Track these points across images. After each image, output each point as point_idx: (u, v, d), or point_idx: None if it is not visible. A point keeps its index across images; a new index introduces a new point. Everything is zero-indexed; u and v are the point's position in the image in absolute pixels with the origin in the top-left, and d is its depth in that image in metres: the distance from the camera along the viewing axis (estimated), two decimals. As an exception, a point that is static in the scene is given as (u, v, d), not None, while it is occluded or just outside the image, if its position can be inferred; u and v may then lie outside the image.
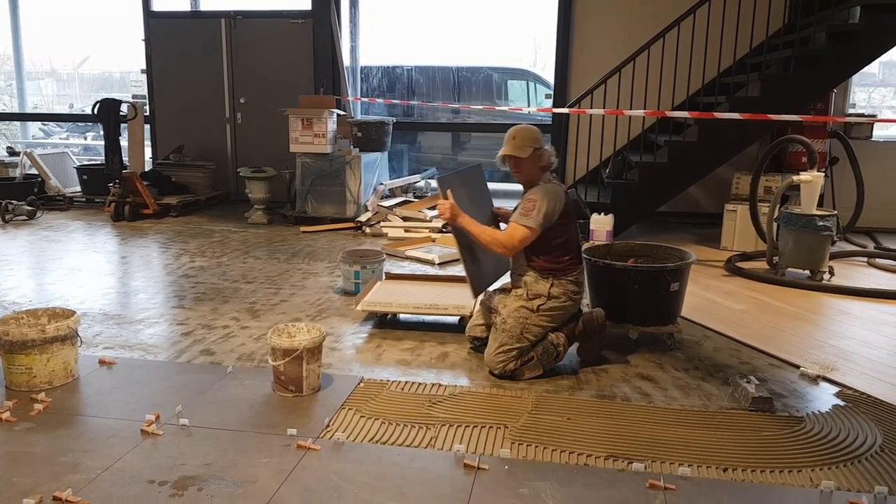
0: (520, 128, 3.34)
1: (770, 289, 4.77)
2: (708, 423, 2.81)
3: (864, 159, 6.13)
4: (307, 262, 5.46)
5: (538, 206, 3.18)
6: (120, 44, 11.24)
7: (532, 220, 3.18)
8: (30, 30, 9.68)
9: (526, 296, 3.27)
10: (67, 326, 3.06)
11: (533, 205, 3.19)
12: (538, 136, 3.34)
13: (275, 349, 2.97)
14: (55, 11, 11.01)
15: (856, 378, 3.26)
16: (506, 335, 3.20)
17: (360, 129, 7.02)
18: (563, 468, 2.46)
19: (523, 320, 3.24)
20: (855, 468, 2.47)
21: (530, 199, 3.22)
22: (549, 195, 3.23)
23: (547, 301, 3.26)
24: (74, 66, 13.32)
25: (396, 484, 2.34)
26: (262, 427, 2.70)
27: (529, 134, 3.31)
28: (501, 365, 3.17)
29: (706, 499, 2.26)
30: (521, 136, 3.30)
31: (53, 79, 13.53)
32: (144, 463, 2.42)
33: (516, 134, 3.31)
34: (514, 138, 3.30)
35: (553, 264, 3.28)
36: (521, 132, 3.31)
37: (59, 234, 6.34)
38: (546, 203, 3.19)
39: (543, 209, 3.18)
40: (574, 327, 3.34)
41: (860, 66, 5.63)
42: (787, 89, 5.60)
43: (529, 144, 3.27)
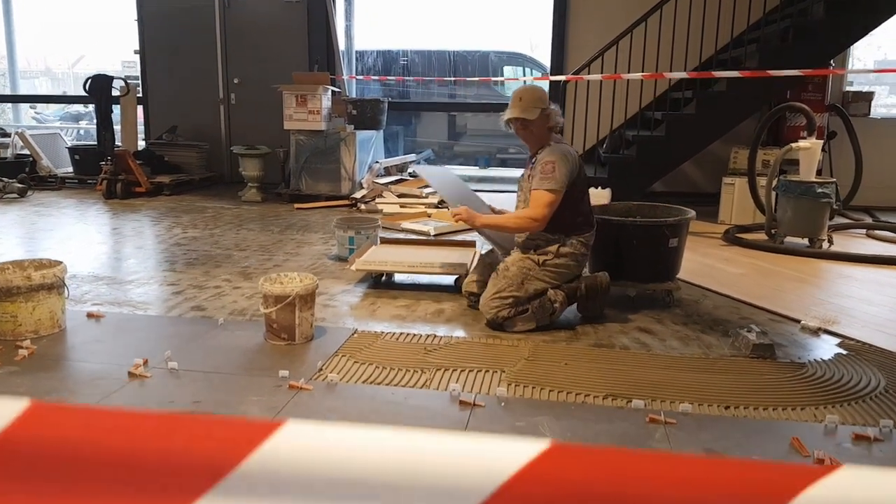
0: (525, 88, 3.26)
1: (769, 256, 4.73)
2: (709, 368, 2.76)
3: (861, 137, 6.09)
4: (301, 233, 5.40)
5: (557, 167, 3.10)
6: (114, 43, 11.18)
7: (554, 181, 3.09)
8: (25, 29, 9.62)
9: (534, 250, 3.22)
10: (54, 275, 2.99)
11: (552, 166, 3.10)
12: (545, 96, 3.25)
13: (266, 296, 2.91)
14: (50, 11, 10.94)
15: (857, 331, 3.21)
16: (506, 282, 3.14)
17: (354, 107, 6.96)
18: (560, 405, 2.40)
19: (526, 271, 3.17)
20: (859, 406, 2.43)
21: (547, 161, 3.13)
22: (565, 155, 3.16)
23: (554, 258, 3.19)
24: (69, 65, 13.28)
25: (392, 419, 2.28)
26: (254, 371, 2.64)
27: (536, 94, 3.22)
28: (495, 310, 3.11)
29: (708, 432, 2.20)
30: (528, 97, 3.20)
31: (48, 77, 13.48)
32: (131, 401, 2.35)
33: (523, 95, 3.21)
34: (520, 99, 3.19)
35: (565, 224, 3.19)
36: (528, 93, 3.22)
37: (50, 210, 6.27)
38: (565, 162, 3.12)
39: (564, 168, 3.11)
40: (576, 288, 3.28)
41: (859, 35, 5.60)
42: (784, 60, 5.56)
43: (537, 105, 3.17)
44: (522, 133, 3.27)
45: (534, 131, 3.22)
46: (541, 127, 3.21)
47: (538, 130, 3.22)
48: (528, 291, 3.15)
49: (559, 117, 3.27)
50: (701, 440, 2.14)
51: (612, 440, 2.13)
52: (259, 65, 7.89)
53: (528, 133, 3.25)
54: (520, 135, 3.30)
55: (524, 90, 3.24)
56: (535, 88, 3.24)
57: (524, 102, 3.17)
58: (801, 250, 4.78)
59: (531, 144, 3.30)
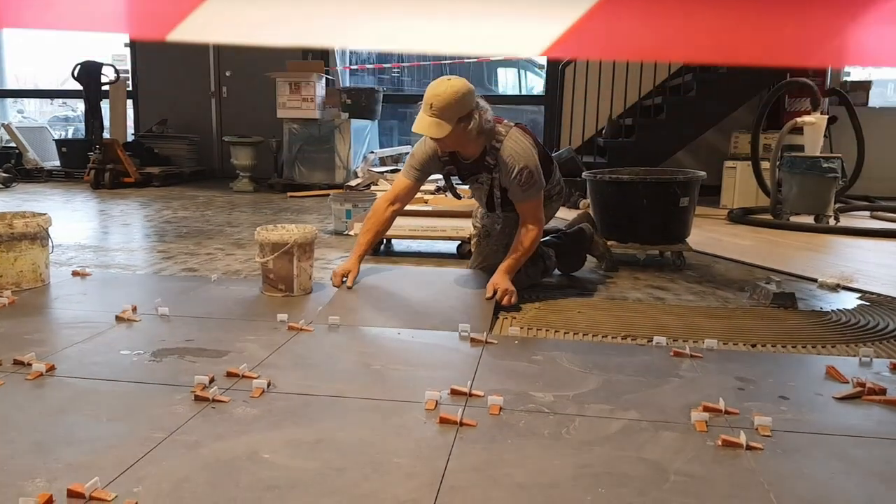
0: (438, 87, 2.49)
1: (776, 232, 4.62)
2: (730, 315, 2.62)
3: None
4: (296, 214, 5.26)
5: (531, 169, 2.63)
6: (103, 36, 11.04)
7: (537, 185, 2.66)
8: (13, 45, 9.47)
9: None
10: (37, 224, 2.83)
11: (529, 173, 2.62)
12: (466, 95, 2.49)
13: (263, 244, 2.76)
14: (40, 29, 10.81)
15: (877, 287, 3.09)
16: (491, 248, 2.93)
17: (349, 96, 6.85)
18: (577, 343, 2.26)
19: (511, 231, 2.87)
20: (892, 344, 2.30)
21: (520, 169, 2.61)
22: (526, 150, 2.65)
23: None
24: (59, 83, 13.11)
25: (400, 354, 2.13)
26: (250, 316, 2.48)
27: (453, 97, 2.46)
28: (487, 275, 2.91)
29: (737, 364, 2.06)
30: (439, 102, 2.45)
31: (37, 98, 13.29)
32: (119, 341, 2.19)
33: (433, 100, 2.46)
34: (430, 106, 2.47)
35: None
36: (441, 97, 2.46)
37: (36, 197, 6.09)
38: (533, 158, 2.65)
39: (536, 164, 2.65)
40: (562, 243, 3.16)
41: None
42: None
43: (452, 114, 2.47)
44: (447, 144, 2.63)
45: (461, 141, 2.59)
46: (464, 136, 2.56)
47: (465, 140, 2.59)
48: None
49: (486, 116, 2.59)
50: (731, 370, 2.00)
51: (636, 371, 1.99)
52: (252, 58, 7.76)
53: (456, 143, 2.61)
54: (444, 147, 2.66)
55: (438, 90, 2.48)
56: (454, 86, 2.49)
57: (436, 110, 2.47)
58: (807, 225, 4.68)
59: (466, 151, 2.69)
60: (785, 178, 4.82)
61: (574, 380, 1.91)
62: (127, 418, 1.61)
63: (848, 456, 1.49)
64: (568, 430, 1.59)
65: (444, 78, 2.55)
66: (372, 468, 1.39)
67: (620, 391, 1.83)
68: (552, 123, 7.38)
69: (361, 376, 1.92)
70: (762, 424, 1.60)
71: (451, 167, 2.82)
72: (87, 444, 1.47)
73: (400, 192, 2.85)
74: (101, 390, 1.78)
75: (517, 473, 1.38)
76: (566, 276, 3.24)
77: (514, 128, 2.71)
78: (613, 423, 1.63)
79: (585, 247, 3.27)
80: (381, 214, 2.84)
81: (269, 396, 1.75)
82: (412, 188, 2.86)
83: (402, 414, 1.66)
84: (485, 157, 2.69)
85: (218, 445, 1.48)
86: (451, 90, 2.48)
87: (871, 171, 6.41)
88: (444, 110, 2.47)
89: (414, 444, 1.50)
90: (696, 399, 1.76)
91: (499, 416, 1.65)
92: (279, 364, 1.99)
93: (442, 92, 2.48)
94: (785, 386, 1.89)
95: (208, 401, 1.69)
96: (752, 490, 1.33)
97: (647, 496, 1.30)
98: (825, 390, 1.86)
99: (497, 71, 9.55)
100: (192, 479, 1.34)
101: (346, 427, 1.58)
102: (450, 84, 2.50)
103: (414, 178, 2.83)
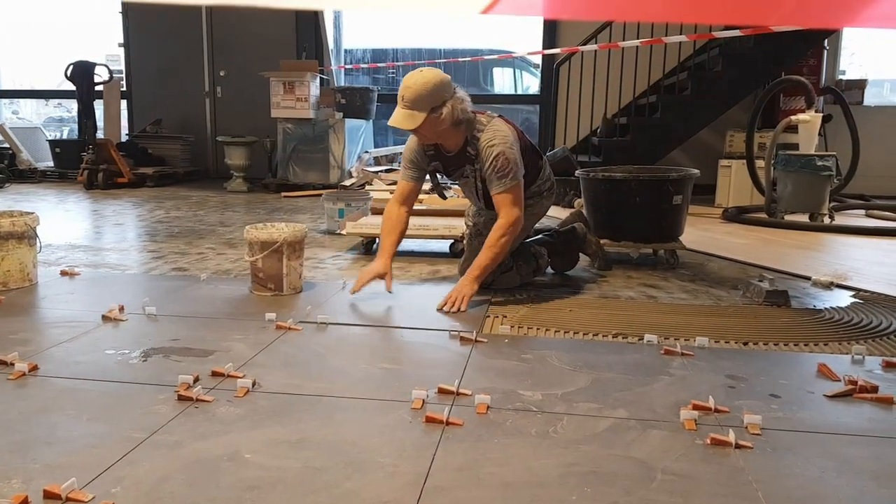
0: (412, 79, 2.51)
1: (770, 230, 4.61)
2: (722, 313, 2.61)
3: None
4: (289, 214, 5.23)
5: (508, 156, 2.57)
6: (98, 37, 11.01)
7: (513, 174, 2.58)
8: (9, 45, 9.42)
9: None
10: (25, 223, 2.81)
11: (505, 160, 2.57)
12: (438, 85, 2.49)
13: (252, 243, 2.74)
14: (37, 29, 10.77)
15: (870, 285, 3.08)
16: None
17: (343, 96, 6.83)
18: (568, 342, 2.24)
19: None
20: (884, 342, 2.28)
21: (496, 155, 2.57)
22: (504, 138, 2.60)
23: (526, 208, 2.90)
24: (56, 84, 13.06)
25: (388, 353, 2.11)
26: (238, 315, 2.46)
27: (425, 87, 2.47)
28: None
29: (729, 361, 2.05)
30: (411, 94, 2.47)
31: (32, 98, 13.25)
32: (104, 340, 2.16)
33: (405, 92, 2.49)
34: (402, 98, 2.50)
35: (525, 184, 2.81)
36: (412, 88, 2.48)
37: (28, 198, 6.06)
38: (511, 146, 2.60)
39: (515, 154, 2.60)
40: (555, 242, 3.15)
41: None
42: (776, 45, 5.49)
43: (425, 104, 2.48)
44: (426, 136, 2.62)
45: (438, 132, 2.57)
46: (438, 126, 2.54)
47: (444, 130, 2.56)
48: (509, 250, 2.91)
49: (463, 105, 2.55)
50: (722, 368, 1.98)
51: (626, 369, 1.97)
52: (246, 57, 7.75)
53: (434, 134, 2.59)
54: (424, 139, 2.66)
55: (409, 81, 2.50)
56: (424, 76, 2.50)
57: (408, 101, 2.49)
58: (802, 224, 4.66)
59: (447, 143, 2.67)
60: (780, 176, 4.81)
61: (563, 378, 1.89)
62: (108, 418, 1.58)
63: (838, 454, 1.47)
64: (555, 428, 1.57)
65: (417, 70, 2.56)
66: (354, 468, 1.37)
67: (610, 389, 1.81)
68: (547, 123, 7.36)
69: (348, 375, 1.89)
70: (752, 423, 1.58)
71: (437, 163, 2.80)
72: (66, 445, 1.45)
73: (405, 192, 2.84)
74: (84, 390, 1.75)
75: (502, 473, 1.36)
76: (559, 275, 3.22)
77: (496, 118, 2.69)
78: (602, 421, 1.61)
79: (578, 246, 3.25)
80: (396, 215, 2.82)
81: (253, 396, 1.73)
82: (414, 188, 2.85)
83: (388, 413, 1.64)
84: (466, 147, 2.67)
85: (199, 445, 1.45)
86: (422, 80, 2.49)
87: (866, 169, 6.39)
88: (415, 101, 2.48)
89: (399, 444, 1.48)
90: (686, 397, 1.74)
91: (486, 415, 1.63)
92: (265, 363, 1.97)
93: (412, 84, 2.49)
94: (776, 384, 1.87)
95: (192, 400, 1.67)
96: (741, 489, 1.32)
97: (634, 495, 1.28)
98: (817, 388, 1.84)
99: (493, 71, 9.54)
100: (171, 479, 1.31)
101: (330, 426, 1.56)
102: (421, 75, 2.51)
103: (411, 178, 2.83)
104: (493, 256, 2.61)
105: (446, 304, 2.54)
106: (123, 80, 8.01)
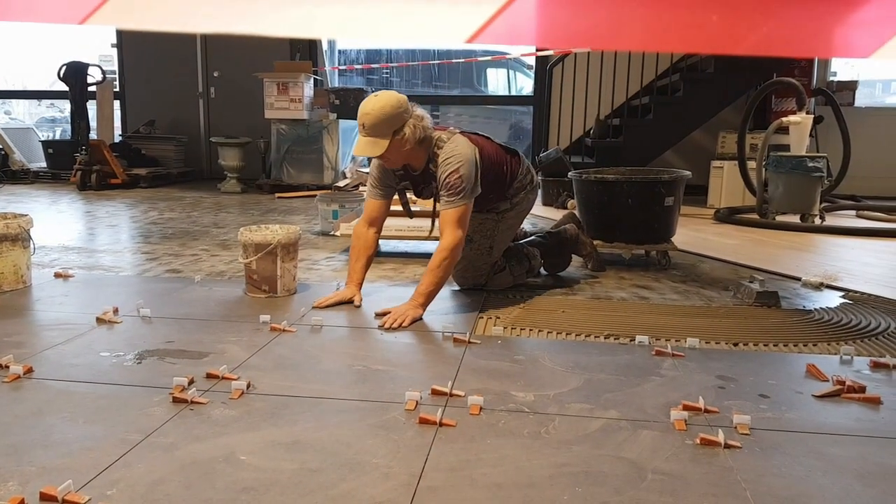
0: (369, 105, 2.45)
1: (762, 231, 4.64)
2: (713, 314, 2.63)
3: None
4: (283, 215, 5.24)
5: (463, 176, 2.51)
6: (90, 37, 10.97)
7: (463, 194, 2.52)
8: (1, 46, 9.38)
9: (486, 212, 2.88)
10: (18, 225, 2.81)
11: (458, 179, 2.51)
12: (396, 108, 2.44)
13: (246, 245, 2.75)
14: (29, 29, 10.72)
15: (860, 286, 3.11)
16: (474, 253, 2.85)
17: (337, 97, 6.83)
18: (560, 343, 2.26)
19: (490, 232, 2.86)
20: (873, 342, 2.31)
21: (450, 173, 2.52)
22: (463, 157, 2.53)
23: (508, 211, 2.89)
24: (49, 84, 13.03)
25: (382, 354, 2.12)
26: (232, 318, 2.47)
27: (382, 111, 2.42)
28: (472, 280, 2.88)
29: (719, 362, 2.07)
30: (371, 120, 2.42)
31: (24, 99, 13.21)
32: (99, 342, 2.17)
33: (365, 120, 2.43)
34: (363, 126, 2.45)
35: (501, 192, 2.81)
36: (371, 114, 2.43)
37: (21, 199, 6.05)
38: (468, 164, 2.53)
39: (469, 172, 2.53)
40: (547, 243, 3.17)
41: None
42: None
43: (387, 128, 2.44)
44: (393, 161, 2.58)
45: (404, 153, 2.53)
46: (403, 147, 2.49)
47: (408, 151, 2.52)
48: (498, 252, 2.90)
49: (423, 122, 2.52)
50: (712, 369, 2.01)
51: (617, 370, 1.99)
52: (239, 58, 7.75)
53: (401, 156, 2.55)
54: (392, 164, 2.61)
55: (367, 108, 2.44)
56: (381, 101, 2.45)
57: (368, 129, 2.44)
58: (793, 224, 4.70)
59: (413, 163, 2.62)
60: (771, 177, 4.84)
61: (556, 379, 1.90)
62: (104, 420, 1.59)
63: (825, 453, 1.49)
64: (547, 429, 1.59)
65: (372, 95, 2.50)
66: (349, 469, 1.38)
67: (601, 390, 1.83)
68: (541, 124, 7.39)
69: (342, 377, 1.91)
70: (741, 423, 1.60)
71: (407, 183, 2.77)
72: (62, 447, 1.46)
73: (372, 213, 2.75)
74: (80, 392, 1.76)
75: (495, 473, 1.38)
76: (552, 276, 3.24)
77: (457, 134, 2.63)
78: (593, 422, 1.63)
79: (571, 247, 3.27)
80: (365, 238, 2.74)
81: (248, 398, 1.74)
82: (382, 206, 2.76)
83: (381, 414, 1.65)
84: (429, 165, 2.61)
85: (194, 447, 1.47)
86: (378, 106, 2.43)
87: (857, 170, 6.45)
88: (376, 127, 2.43)
89: (392, 445, 1.50)
90: (676, 398, 1.76)
91: (479, 416, 1.65)
92: (260, 365, 1.98)
93: (370, 110, 2.43)
94: (765, 384, 1.89)
95: (186, 402, 1.68)
96: (729, 488, 1.34)
97: (624, 495, 1.30)
98: (805, 388, 1.87)
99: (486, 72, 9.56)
100: (167, 481, 1.33)
101: (325, 428, 1.57)
102: (377, 100, 2.46)
103: (379, 196, 2.75)
104: (436, 280, 2.52)
105: (386, 321, 2.39)
106: (116, 80, 7.99)
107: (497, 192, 2.80)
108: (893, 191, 6.91)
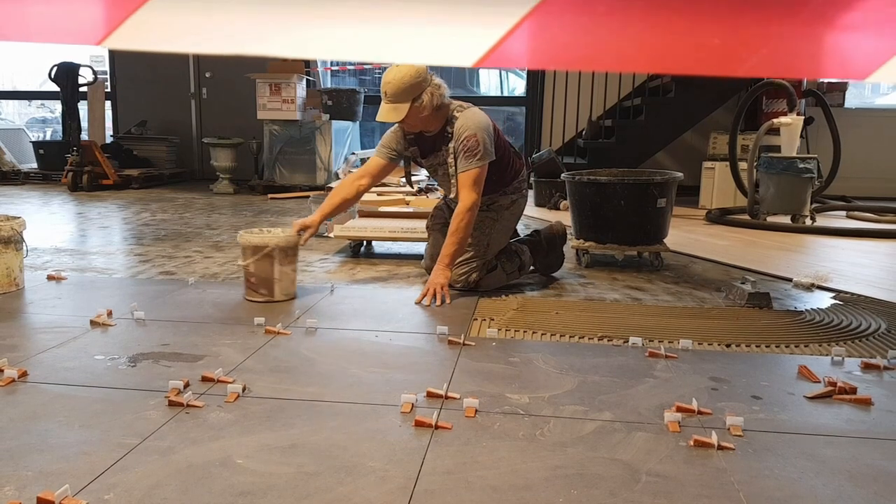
0: (391, 73, 2.69)
1: (753, 232, 4.67)
2: (705, 315, 2.65)
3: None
4: (276, 216, 5.24)
5: (480, 138, 2.73)
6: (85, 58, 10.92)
7: (482, 153, 2.74)
8: None
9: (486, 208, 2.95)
10: (11, 228, 2.80)
11: (476, 140, 2.73)
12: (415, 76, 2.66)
13: (244, 247, 2.74)
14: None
15: (851, 286, 3.13)
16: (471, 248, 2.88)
17: (330, 97, 6.84)
18: (554, 344, 2.27)
19: (488, 230, 2.93)
20: (864, 343, 2.33)
21: (468, 136, 2.74)
22: (479, 120, 2.77)
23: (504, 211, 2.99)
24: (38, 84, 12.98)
25: (377, 357, 2.12)
26: (227, 321, 2.47)
27: (403, 79, 2.64)
28: (465, 276, 2.89)
29: (712, 364, 2.09)
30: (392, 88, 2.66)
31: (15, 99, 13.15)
32: (93, 346, 2.17)
33: (386, 87, 2.68)
34: (385, 94, 2.70)
35: (502, 181, 2.95)
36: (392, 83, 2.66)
37: (12, 200, 6.02)
38: (485, 128, 2.77)
39: (486, 136, 2.76)
40: (537, 241, 3.20)
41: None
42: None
43: (406, 95, 2.66)
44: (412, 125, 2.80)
45: (422, 118, 2.75)
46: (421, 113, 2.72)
47: (426, 116, 2.74)
48: (494, 251, 2.95)
49: (441, 90, 2.74)
50: (705, 370, 2.02)
51: (611, 372, 2.00)
52: (231, 59, 7.73)
53: (419, 121, 2.77)
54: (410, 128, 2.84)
55: (389, 77, 2.68)
56: (401, 70, 2.66)
57: (390, 96, 2.68)
58: (784, 225, 4.73)
59: (429, 126, 2.83)
60: (762, 178, 4.88)
61: (550, 381, 1.92)
62: (100, 424, 1.59)
63: (817, 455, 1.51)
64: (542, 431, 1.60)
65: (394, 65, 2.68)
66: (346, 472, 1.39)
67: (595, 392, 1.84)
68: (533, 124, 7.41)
69: (338, 380, 1.91)
70: (734, 424, 1.62)
71: (415, 148, 2.92)
72: (58, 451, 1.46)
73: (370, 167, 2.95)
74: (75, 396, 1.76)
75: (490, 476, 1.39)
76: (545, 277, 3.25)
77: (474, 106, 2.87)
78: (587, 424, 1.64)
79: (560, 243, 3.27)
80: (348, 185, 2.96)
81: (243, 401, 1.74)
82: (382, 166, 2.94)
83: (377, 417, 1.66)
84: (446, 127, 2.81)
85: (191, 451, 1.47)
86: (399, 74, 2.66)
87: (848, 171, 6.49)
88: (397, 94, 2.67)
89: (388, 448, 1.50)
90: (669, 399, 1.77)
91: (474, 419, 1.66)
92: (255, 368, 1.98)
93: (392, 78, 2.67)
94: (758, 386, 1.91)
95: (182, 406, 1.69)
96: (723, 490, 1.35)
97: (619, 497, 1.32)
98: (797, 390, 1.89)
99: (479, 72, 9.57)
100: (163, 485, 1.33)
101: (321, 431, 1.58)
102: (398, 69, 2.67)
103: (383, 156, 2.94)
104: (459, 241, 2.74)
105: (425, 296, 2.66)
106: (108, 81, 7.96)
107: (499, 175, 2.90)
108: (883, 191, 6.97)
